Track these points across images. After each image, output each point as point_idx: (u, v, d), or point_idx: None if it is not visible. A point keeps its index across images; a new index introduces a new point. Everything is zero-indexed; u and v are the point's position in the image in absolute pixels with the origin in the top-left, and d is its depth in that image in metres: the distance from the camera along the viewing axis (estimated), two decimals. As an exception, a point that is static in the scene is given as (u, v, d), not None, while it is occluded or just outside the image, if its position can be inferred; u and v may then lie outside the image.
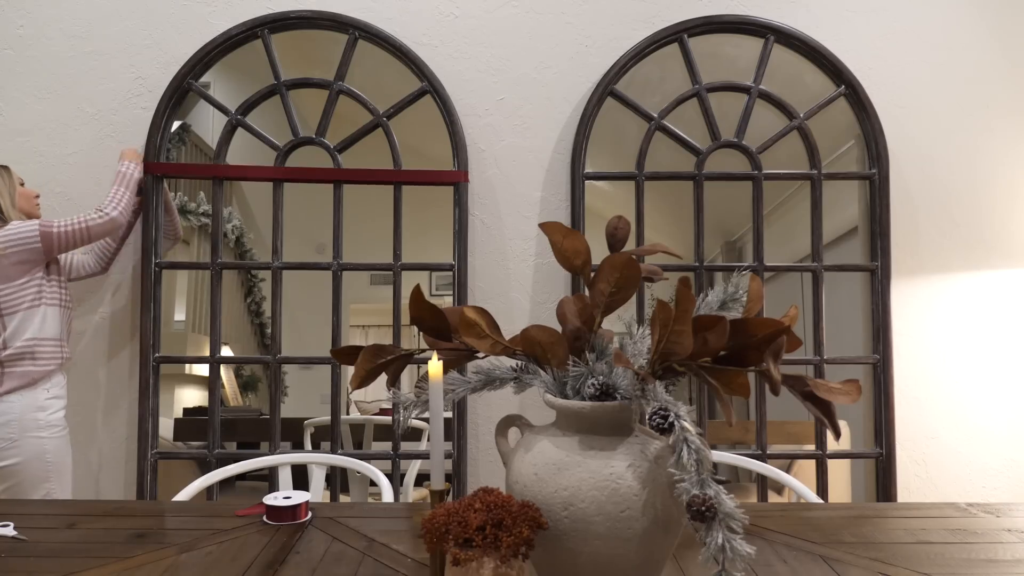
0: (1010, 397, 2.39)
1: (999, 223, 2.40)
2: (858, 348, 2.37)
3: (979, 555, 1.22)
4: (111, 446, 2.34)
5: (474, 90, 2.39)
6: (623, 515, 0.88)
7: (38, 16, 2.36)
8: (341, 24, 2.34)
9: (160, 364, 2.30)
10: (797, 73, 2.38)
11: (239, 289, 3.17)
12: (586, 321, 1.00)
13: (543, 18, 2.40)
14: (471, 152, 2.37)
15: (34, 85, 2.36)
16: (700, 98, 2.36)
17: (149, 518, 1.45)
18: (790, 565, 1.18)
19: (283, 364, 2.34)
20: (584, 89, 2.39)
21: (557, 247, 1.02)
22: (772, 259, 2.35)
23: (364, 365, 1.03)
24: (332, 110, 2.35)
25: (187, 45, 2.35)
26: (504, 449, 1.07)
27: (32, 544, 1.29)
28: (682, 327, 0.87)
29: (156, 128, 2.30)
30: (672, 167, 2.38)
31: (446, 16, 2.40)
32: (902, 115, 2.40)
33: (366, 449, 2.77)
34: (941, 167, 2.41)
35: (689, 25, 2.34)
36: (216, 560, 1.21)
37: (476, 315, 1.00)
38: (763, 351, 0.87)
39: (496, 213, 2.40)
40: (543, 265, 2.39)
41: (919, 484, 2.37)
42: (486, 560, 0.84)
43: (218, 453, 2.29)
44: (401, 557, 1.22)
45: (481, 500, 0.89)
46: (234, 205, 2.89)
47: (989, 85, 2.41)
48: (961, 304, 2.40)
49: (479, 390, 1.07)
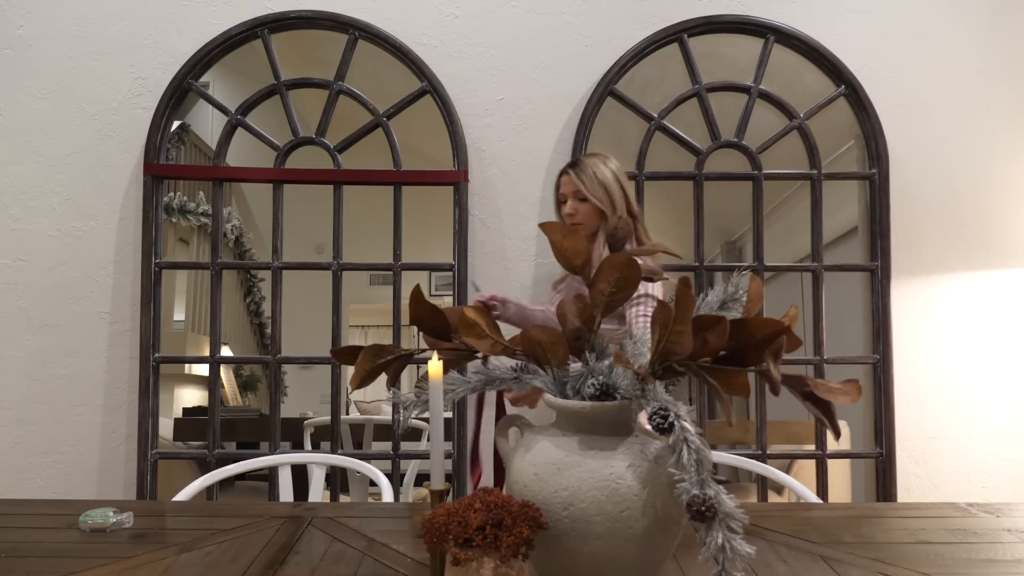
0: (1010, 397, 2.39)
1: (999, 223, 2.40)
2: (858, 348, 2.37)
3: (979, 555, 1.22)
4: (111, 446, 2.34)
5: (474, 90, 2.39)
6: (623, 515, 0.88)
7: (38, 16, 2.36)
8: (341, 24, 2.34)
9: (160, 364, 2.30)
10: (797, 73, 2.38)
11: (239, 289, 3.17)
12: (586, 321, 1.00)
13: (543, 18, 2.40)
14: (471, 152, 2.37)
15: (34, 85, 2.35)
16: (700, 98, 2.35)
17: (149, 518, 1.45)
18: (790, 565, 1.18)
19: (283, 364, 2.34)
20: (584, 89, 2.39)
21: (557, 247, 1.02)
22: (772, 259, 2.35)
23: (364, 365, 1.03)
24: (332, 110, 2.35)
25: (187, 45, 2.34)
26: (504, 449, 1.07)
27: (32, 544, 1.29)
28: (682, 327, 0.87)
29: (156, 128, 2.30)
30: (672, 167, 2.38)
31: (446, 16, 2.40)
32: (902, 115, 2.40)
33: (366, 449, 2.78)
34: (941, 167, 2.41)
35: (689, 25, 2.34)
36: (216, 560, 1.21)
37: (476, 315, 1.00)
38: (763, 351, 0.87)
39: (496, 213, 2.40)
40: (543, 265, 2.39)
41: (919, 484, 2.37)
42: (486, 560, 0.84)
43: (218, 453, 2.29)
44: (401, 557, 1.22)
45: (481, 500, 0.89)
46: (234, 205, 2.89)
47: (989, 85, 2.41)
48: (961, 304, 2.39)
49: (479, 390, 1.06)
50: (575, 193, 1.87)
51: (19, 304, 2.34)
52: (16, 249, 2.34)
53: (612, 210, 1.84)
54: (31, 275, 2.34)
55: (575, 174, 1.88)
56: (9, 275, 2.34)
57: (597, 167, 1.87)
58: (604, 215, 1.85)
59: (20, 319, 2.33)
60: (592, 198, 1.84)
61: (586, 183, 1.85)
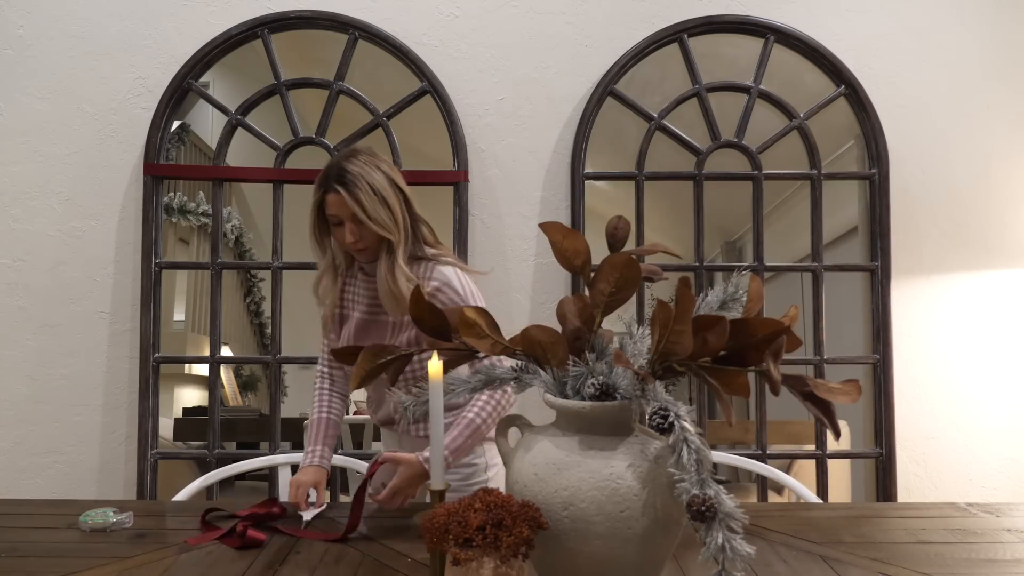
0: (1010, 397, 2.38)
1: (999, 223, 2.40)
2: (858, 348, 2.37)
3: (979, 555, 1.22)
4: (111, 446, 2.34)
5: (474, 90, 2.39)
6: (623, 515, 0.88)
7: (38, 16, 2.36)
8: (341, 24, 2.34)
9: (160, 364, 2.30)
10: (797, 73, 2.38)
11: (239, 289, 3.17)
12: (586, 321, 1.00)
13: (543, 18, 2.40)
14: (471, 152, 2.37)
15: (34, 85, 2.35)
16: (700, 98, 2.35)
17: (149, 518, 1.45)
18: (790, 565, 1.18)
19: (283, 364, 2.35)
20: (584, 89, 2.38)
21: (557, 247, 1.02)
22: (772, 259, 2.35)
23: (364, 365, 1.03)
24: (332, 110, 2.35)
25: (187, 45, 2.34)
26: (504, 449, 1.07)
27: (32, 544, 1.29)
28: (682, 327, 0.87)
29: (156, 128, 2.30)
30: (672, 167, 2.38)
31: (446, 16, 2.40)
32: (902, 115, 2.40)
33: (366, 449, 2.78)
34: (941, 167, 2.40)
35: (689, 25, 2.34)
36: (216, 560, 1.21)
37: (476, 315, 1.00)
38: (763, 351, 0.87)
39: (496, 213, 2.40)
40: (543, 265, 2.39)
41: (919, 484, 2.37)
42: (486, 560, 0.84)
43: (218, 453, 2.29)
44: (401, 557, 1.22)
45: (481, 500, 0.89)
46: (234, 205, 2.88)
47: (989, 85, 2.41)
48: (961, 304, 2.39)
49: (479, 390, 1.07)
50: (352, 216, 1.48)
51: (19, 304, 2.34)
52: (16, 249, 2.34)
53: (397, 231, 1.49)
54: (31, 275, 2.34)
55: (347, 193, 1.46)
56: (9, 275, 2.34)
57: (371, 177, 1.47)
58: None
59: (20, 319, 2.33)
60: (374, 225, 1.46)
61: (364, 204, 1.45)
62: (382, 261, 1.51)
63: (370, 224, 1.47)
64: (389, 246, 1.51)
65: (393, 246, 1.50)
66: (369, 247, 1.52)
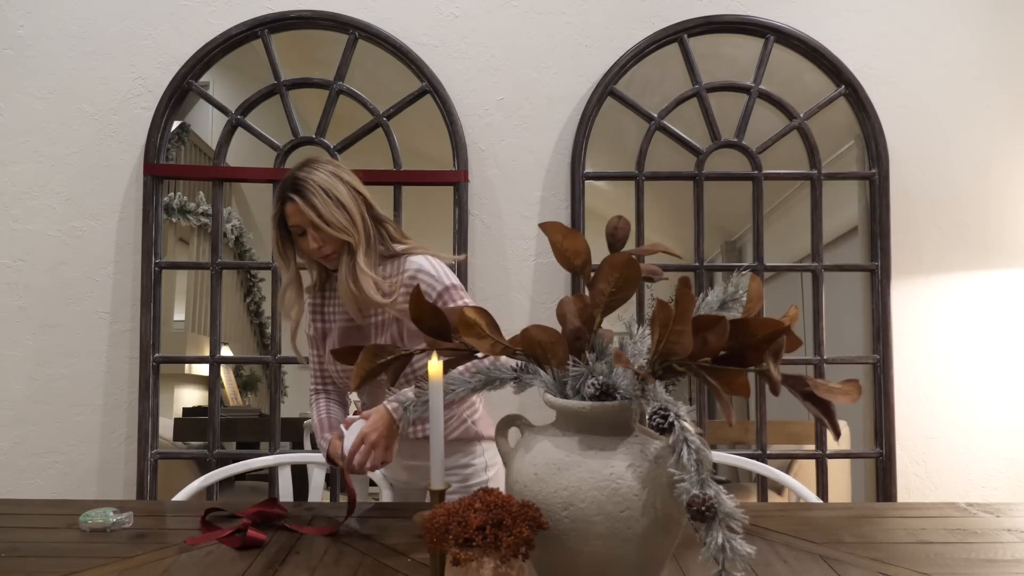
0: (1010, 397, 2.38)
1: (999, 223, 2.40)
2: (858, 348, 2.37)
3: (979, 555, 1.22)
4: (111, 446, 2.34)
5: (474, 90, 2.39)
6: (623, 515, 0.88)
7: (38, 16, 2.36)
8: (341, 24, 2.34)
9: (160, 364, 2.30)
10: (797, 73, 2.38)
11: (239, 289, 3.16)
12: (586, 321, 1.00)
13: (543, 18, 2.40)
14: (471, 152, 2.37)
15: (34, 85, 2.35)
16: (700, 98, 2.35)
17: (149, 518, 1.45)
18: (790, 565, 1.18)
19: (283, 364, 2.35)
20: (584, 89, 2.38)
21: (557, 247, 1.02)
22: (772, 259, 2.35)
23: (364, 365, 1.03)
24: (332, 110, 2.35)
25: (187, 45, 2.34)
26: (504, 449, 1.07)
27: (32, 544, 1.29)
28: (682, 327, 0.87)
29: (156, 128, 2.30)
30: (672, 167, 2.38)
31: (446, 16, 2.40)
32: (902, 115, 2.40)
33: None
34: (941, 167, 2.41)
35: (689, 25, 2.34)
36: (216, 560, 1.21)
37: (476, 315, 1.00)
38: (763, 351, 0.87)
39: (496, 213, 2.40)
40: (543, 265, 2.39)
41: (919, 484, 2.37)
42: (486, 560, 0.84)
43: (218, 453, 2.29)
44: (401, 557, 1.22)
45: (481, 500, 0.89)
46: (233, 205, 2.88)
47: (989, 85, 2.41)
48: (961, 304, 2.39)
49: (479, 390, 1.07)
50: (310, 223, 1.49)
51: (19, 304, 2.34)
52: (16, 249, 2.34)
53: (356, 233, 1.49)
54: (31, 275, 2.34)
55: (301, 200, 1.48)
56: (9, 275, 2.34)
57: (324, 182, 1.49)
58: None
59: (20, 319, 2.33)
60: (331, 228, 1.47)
61: (320, 209, 1.47)
62: (342, 264, 1.51)
63: (327, 228, 1.48)
64: (349, 248, 1.51)
65: (353, 247, 1.50)
66: (334, 252, 1.53)
